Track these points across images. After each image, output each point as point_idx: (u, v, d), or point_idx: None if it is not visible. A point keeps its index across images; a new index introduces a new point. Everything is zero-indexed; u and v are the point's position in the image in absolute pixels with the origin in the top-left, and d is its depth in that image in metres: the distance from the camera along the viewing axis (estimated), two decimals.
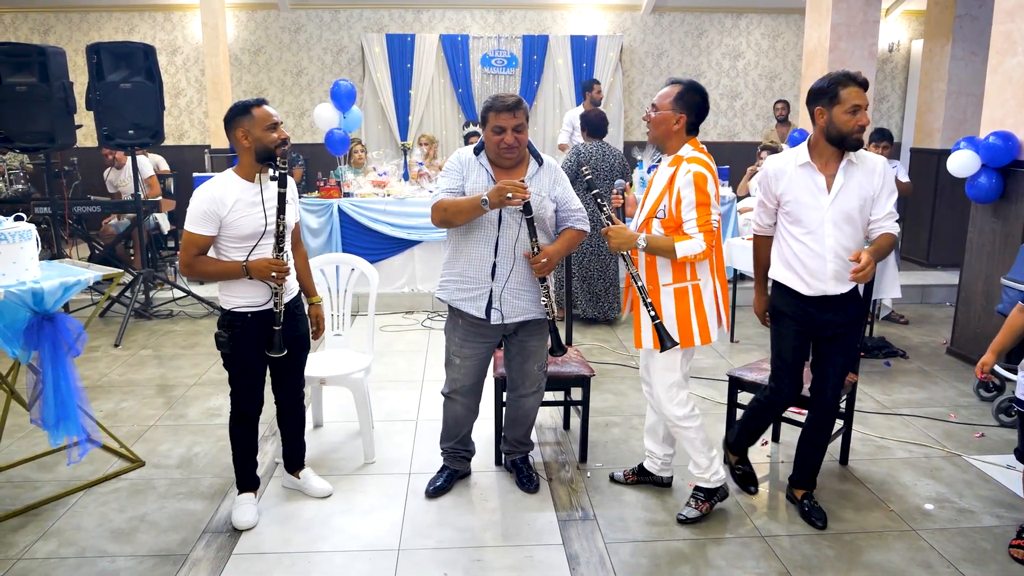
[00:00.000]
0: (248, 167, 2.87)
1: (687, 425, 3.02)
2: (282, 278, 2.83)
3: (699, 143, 2.92)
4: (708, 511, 3.11)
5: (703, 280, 2.92)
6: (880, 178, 2.85)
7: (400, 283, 6.52)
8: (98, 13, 9.61)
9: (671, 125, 2.89)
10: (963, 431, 3.98)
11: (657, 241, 2.84)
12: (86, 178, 7.86)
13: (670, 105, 2.88)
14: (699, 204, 2.79)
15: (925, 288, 6.78)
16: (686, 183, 2.79)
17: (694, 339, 2.91)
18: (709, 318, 2.93)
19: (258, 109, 2.83)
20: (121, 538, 2.96)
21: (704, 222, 2.79)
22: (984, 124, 4.89)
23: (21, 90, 5.29)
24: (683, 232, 2.82)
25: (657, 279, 2.92)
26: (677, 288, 2.90)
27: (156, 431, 3.96)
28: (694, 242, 2.79)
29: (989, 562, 2.81)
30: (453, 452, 3.36)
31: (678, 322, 2.90)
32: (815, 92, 2.87)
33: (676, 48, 10.15)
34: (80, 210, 6.39)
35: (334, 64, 9.91)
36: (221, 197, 2.80)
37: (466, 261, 3.02)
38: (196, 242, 2.81)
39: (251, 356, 2.95)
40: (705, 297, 2.92)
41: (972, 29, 7.34)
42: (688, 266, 2.88)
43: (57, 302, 3.13)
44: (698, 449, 3.06)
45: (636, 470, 3.39)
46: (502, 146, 2.92)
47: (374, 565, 2.78)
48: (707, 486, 3.11)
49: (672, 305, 2.91)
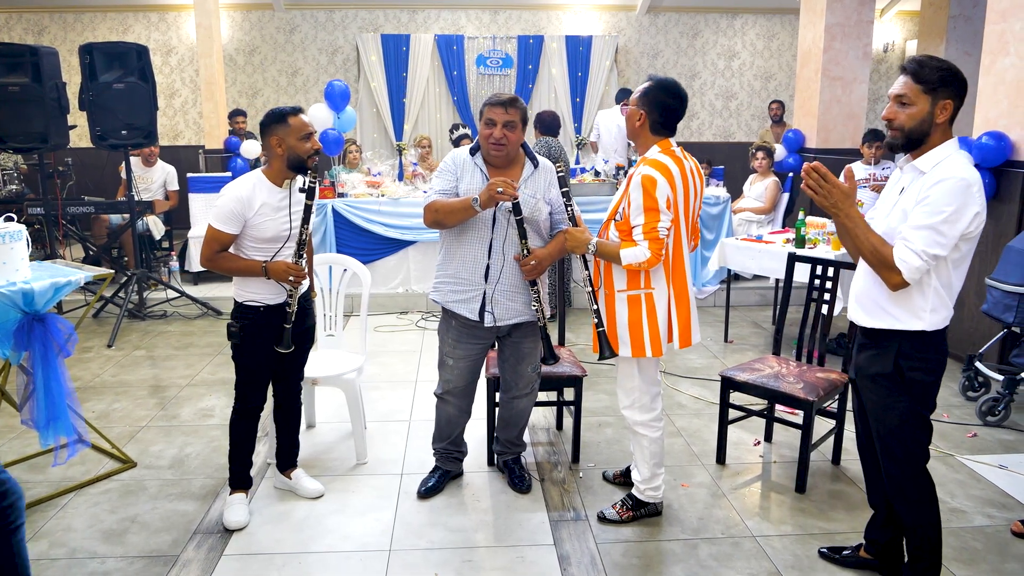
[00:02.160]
0: (278, 172, 2.91)
1: (643, 433, 2.97)
2: (298, 282, 2.89)
3: (672, 146, 2.82)
4: (629, 519, 3.06)
5: (657, 289, 2.81)
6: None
7: (394, 283, 6.52)
8: (92, 13, 9.60)
9: (634, 122, 2.85)
10: (956, 431, 3.98)
11: (606, 247, 2.79)
12: (79, 178, 7.84)
13: (636, 101, 2.84)
14: (646, 209, 2.68)
15: None
16: (635, 186, 2.71)
17: (645, 349, 2.82)
18: (660, 328, 2.81)
19: (294, 118, 2.87)
20: (112, 539, 2.95)
21: (650, 228, 2.67)
22: (977, 124, 4.90)
23: (14, 90, 5.28)
24: (631, 238, 2.74)
25: (613, 284, 2.87)
26: (631, 295, 2.82)
27: (148, 432, 3.95)
28: (638, 249, 2.69)
29: (980, 562, 2.82)
30: (445, 453, 3.36)
31: (630, 330, 2.83)
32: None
33: (671, 48, 10.17)
34: (74, 211, 6.37)
35: (329, 64, 9.91)
36: (249, 199, 2.84)
37: (459, 263, 3.02)
38: (219, 239, 2.86)
39: (261, 349, 2.99)
40: (659, 306, 2.81)
41: (966, 29, 7.36)
42: (643, 273, 2.79)
43: (48, 303, 3.12)
44: (645, 459, 3.01)
45: (624, 472, 3.38)
46: (491, 140, 2.92)
47: (366, 565, 2.78)
48: (639, 497, 3.08)
49: (625, 312, 2.83)
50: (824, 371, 3.48)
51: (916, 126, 2.26)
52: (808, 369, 3.50)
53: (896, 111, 2.29)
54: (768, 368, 3.51)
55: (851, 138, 7.04)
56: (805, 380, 3.35)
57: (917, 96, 2.24)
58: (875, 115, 10.37)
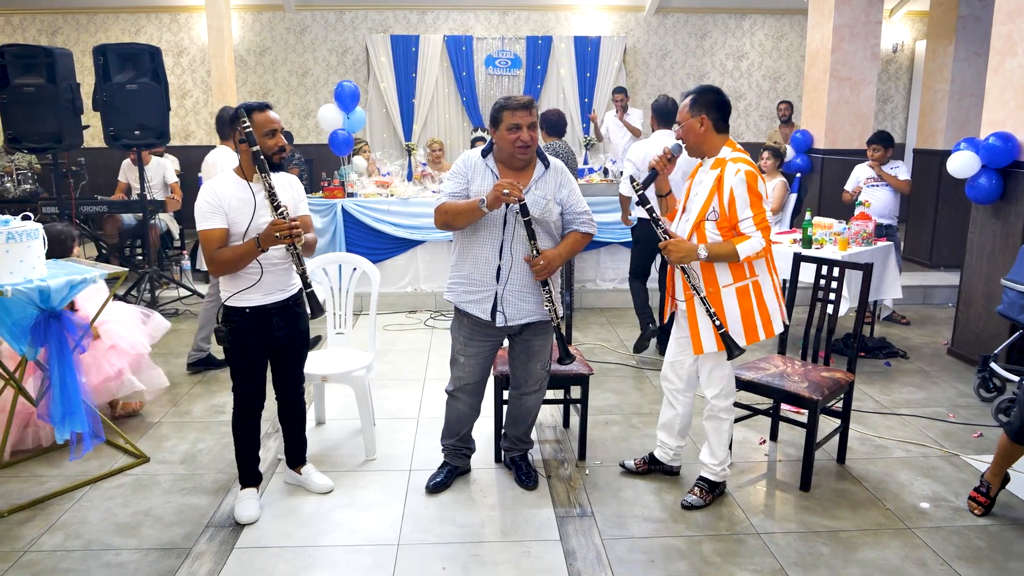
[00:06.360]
0: (247, 169, 2.92)
1: (725, 417, 3.15)
2: (290, 236, 2.77)
3: (736, 144, 3.01)
4: (710, 501, 3.19)
5: (761, 276, 3.01)
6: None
7: (403, 283, 6.56)
8: (105, 14, 9.69)
9: (697, 130, 2.99)
10: (962, 431, 3.99)
11: (717, 248, 2.91)
12: (93, 178, 7.92)
13: (688, 114, 2.99)
14: (753, 202, 2.87)
15: (927, 289, 6.79)
16: (738, 182, 2.87)
17: (759, 334, 3.00)
18: (771, 311, 3.01)
19: (259, 114, 2.88)
20: (126, 532, 3.00)
21: (760, 219, 2.88)
22: (984, 125, 4.90)
23: (29, 91, 5.35)
24: (739, 232, 2.89)
25: (717, 281, 2.98)
26: (739, 287, 2.98)
27: (161, 427, 4.01)
28: (754, 240, 2.88)
29: (984, 560, 2.84)
30: (454, 449, 3.40)
31: (743, 320, 2.98)
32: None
33: (680, 49, 10.18)
34: (87, 210, 6.45)
35: (339, 65, 9.97)
36: (219, 192, 2.87)
37: (472, 264, 3.06)
38: (210, 237, 2.84)
39: (251, 350, 3.00)
40: (765, 292, 3.01)
41: (975, 30, 7.34)
42: (746, 264, 2.96)
43: (63, 300, 3.18)
44: (723, 442, 3.18)
45: (647, 459, 3.48)
46: (518, 144, 2.95)
47: (374, 559, 2.82)
48: (714, 478, 3.21)
49: (736, 305, 2.98)
50: (829, 370, 3.50)
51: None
52: (813, 368, 3.52)
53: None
54: (774, 367, 3.53)
55: (859, 139, 7.04)
56: (810, 379, 3.37)
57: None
58: (883, 116, 10.36)
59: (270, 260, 2.94)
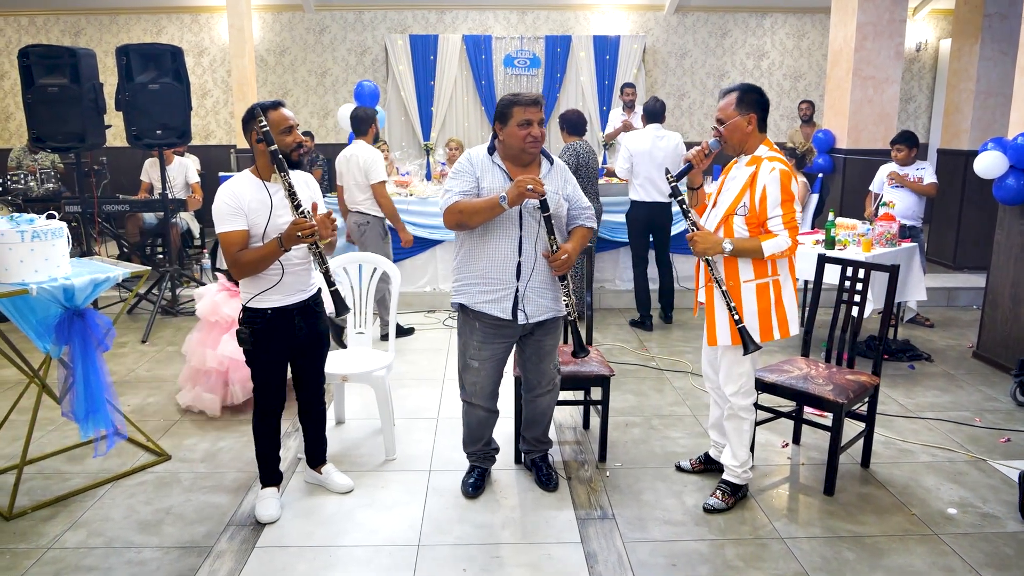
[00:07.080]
0: (263, 168, 2.91)
1: (745, 416, 3.13)
2: (313, 236, 2.76)
3: (773, 144, 3.02)
4: (732, 505, 3.17)
5: (783, 276, 3.01)
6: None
7: (422, 282, 6.57)
8: (127, 15, 9.78)
9: (744, 128, 2.99)
10: (988, 435, 3.93)
11: (744, 243, 2.92)
12: (115, 177, 8.00)
13: (735, 112, 2.99)
14: (784, 201, 2.88)
15: (951, 291, 6.69)
16: (772, 180, 2.88)
17: (773, 333, 3.00)
18: (789, 313, 3.02)
19: (274, 112, 2.86)
20: (148, 529, 3.02)
21: (789, 219, 2.89)
22: (1013, 125, 4.82)
23: (53, 91, 5.40)
24: (767, 229, 2.90)
25: (738, 275, 2.99)
26: (759, 284, 2.99)
27: (182, 426, 4.03)
28: (780, 239, 2.89)
29: (1012, 568, 2.78)
30: (481, 454, 3.38)
31: (759, 317, 2.99)
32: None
33: (700, 48, 10.11)
34: (109, 209, 6.50)
35: (358, 65, 10.00)
36: (238, 194, 2.84)
37: (488, 262, 3.02)
38: (231, 239, 2.82)
39: (272, 351, 2.99)
40: (785, 292, 3.02)
41: (1002, 29, 7.23)
42: (769, 262, 2.96)
43: (87, 298, 3.20)
44: (744, 443, 3.16)
45: (703, 458, 3.50)
46: (528, 139, 2.94)
47: (394, 560, 2.82)
48: (736, 481, 3.20)
49: (754, 301, 2.99)
50: (854, 373, 3.46)
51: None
52: (837, 371, 3.48)
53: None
54: (797, 370, 3.49)
55: (883, 139, 6.95)
56: (834, 382, 3.33)
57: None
58: (907, 115, 10.24)
59: (290, 260, 2.93)
